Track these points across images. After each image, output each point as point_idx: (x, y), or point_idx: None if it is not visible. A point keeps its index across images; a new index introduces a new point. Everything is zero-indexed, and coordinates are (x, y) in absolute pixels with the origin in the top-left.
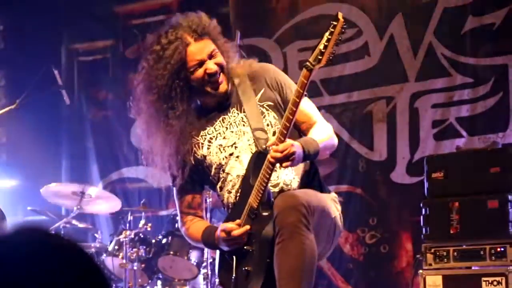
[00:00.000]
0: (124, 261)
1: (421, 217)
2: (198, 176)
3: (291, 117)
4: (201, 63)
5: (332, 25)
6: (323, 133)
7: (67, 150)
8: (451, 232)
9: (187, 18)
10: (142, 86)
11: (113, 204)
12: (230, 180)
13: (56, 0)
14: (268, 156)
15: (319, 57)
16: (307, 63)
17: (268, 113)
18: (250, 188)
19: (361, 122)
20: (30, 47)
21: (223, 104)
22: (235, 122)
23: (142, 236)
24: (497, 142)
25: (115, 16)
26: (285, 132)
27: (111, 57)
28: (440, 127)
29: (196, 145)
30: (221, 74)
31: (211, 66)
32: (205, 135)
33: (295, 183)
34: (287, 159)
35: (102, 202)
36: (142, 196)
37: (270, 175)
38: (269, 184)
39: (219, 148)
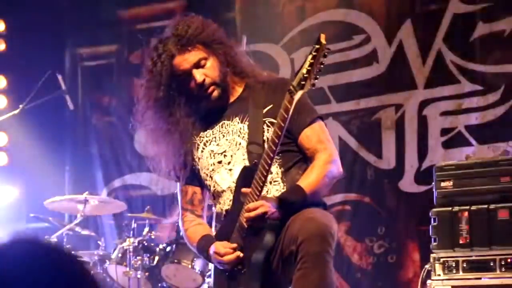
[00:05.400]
0: (127, 269)
1: (430, 226)
2: (198, 175)
3: (276, 140)
4: (188, 73)
5: (314, 48)
6: (317, 173)
7: (70, 156)
8: (461, 242)
9: (175, 28)
10: (143, 103)
11: (117, 205)
12: (221, 191)
13: (61, 5)
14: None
15: (302, 82)
16: (291, 87)
17: (268, 129)
18: (240, 206)
19: (369, 129)
20: (33, 51)
21: (228, 108)
22: (232, 131)
23: (146, 244)
24: (507, 151)
25: (119, 21)
26: (269, 161)
27: (116, 62)
28: (449, 135)
29: (194, 146)
30: (213, 82)
31: (197, 76)
32: (203, 137)
33: None
34: (260, 219)
35: (106, 206)
36: (145, 204)
37: (259, 193)
38: None
39: (210, 154)
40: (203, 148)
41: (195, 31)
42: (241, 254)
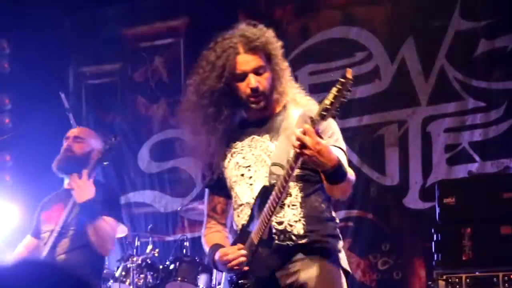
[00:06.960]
0: (131, 287)
1: (433, 243)
2: (224, 184)
3: (293, 164)
4: (245, 75)
5: (339, 82)
6: (349, 171)
7: None
8: (464, 258)
9: (248, 29)
10: (195, 91)
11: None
12: (240, 205)
13: (64, 23)
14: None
15: (323, 113)
16: (312, 116)
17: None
18: (255, 222)
19: (372, 146)
20: (37, 70)
21: (261, 123)
22: (260, 147)
23: (149, 261)
24: (510, 167)
25: (123, 39)
26: (285, 184)
27: (119, 80)
28: (453, 152)
29: (223, 155)
30: (263, 93)
31: (252, 80)
32: (232, 148)
33: (299, 226)
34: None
35: None
36: (148, 221)
37: (273, 211)
38: (274, 221)
39: (235, 165)
40: (230, 159)
41: (265, 40)
42: (245, 252)
